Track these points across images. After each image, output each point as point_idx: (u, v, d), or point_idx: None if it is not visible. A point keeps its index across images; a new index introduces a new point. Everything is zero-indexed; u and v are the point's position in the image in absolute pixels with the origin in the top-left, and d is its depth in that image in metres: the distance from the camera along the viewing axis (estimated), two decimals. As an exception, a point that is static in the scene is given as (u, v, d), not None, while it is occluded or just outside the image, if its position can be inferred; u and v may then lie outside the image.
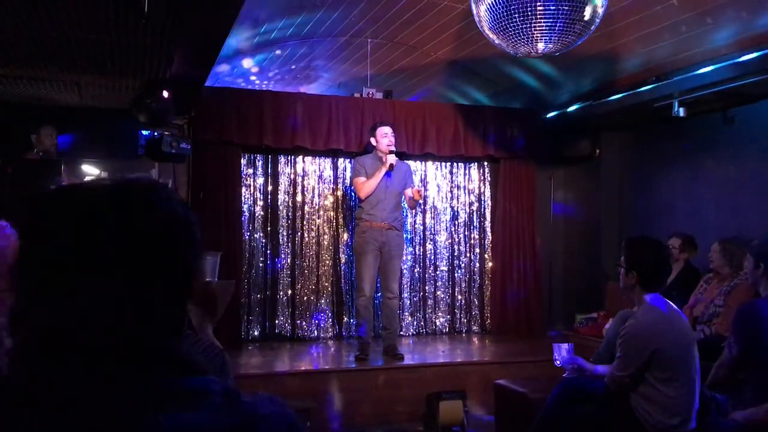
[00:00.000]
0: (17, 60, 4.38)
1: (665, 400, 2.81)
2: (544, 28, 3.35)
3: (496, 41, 3.83)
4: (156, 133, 5.36)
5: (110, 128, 5.53)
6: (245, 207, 6.12)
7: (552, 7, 3.32)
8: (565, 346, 3.35)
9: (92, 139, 5.47)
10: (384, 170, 5.19)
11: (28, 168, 4.85)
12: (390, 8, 5.43)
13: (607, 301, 6.35)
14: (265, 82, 7.21)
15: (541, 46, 3.53)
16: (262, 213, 6.23)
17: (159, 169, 5.34)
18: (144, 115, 4.70)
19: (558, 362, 3.32)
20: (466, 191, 6.80)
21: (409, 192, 5.28)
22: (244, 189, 6.09)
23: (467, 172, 6.80)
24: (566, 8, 3.35)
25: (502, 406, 4.21)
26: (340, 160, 6.42)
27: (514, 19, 3.36)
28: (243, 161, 6.09)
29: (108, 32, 3.63)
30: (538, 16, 3.36)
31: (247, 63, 6.51)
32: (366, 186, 5.19)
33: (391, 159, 5.22)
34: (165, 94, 4.54)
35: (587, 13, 3.53)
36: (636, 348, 2.83)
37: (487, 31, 3.82)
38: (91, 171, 5.22)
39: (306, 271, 6.27)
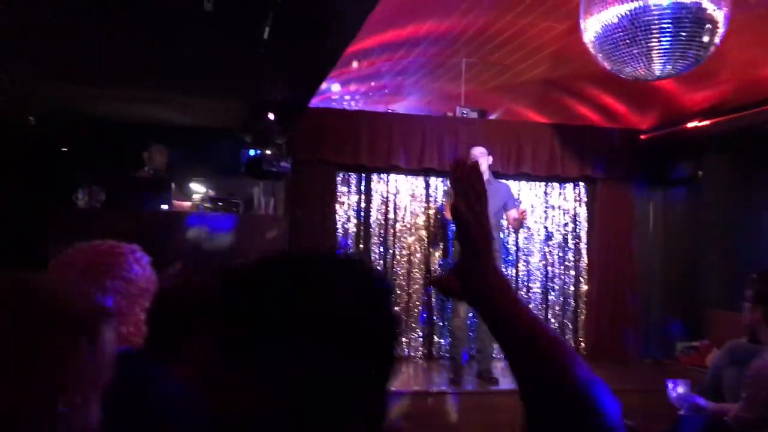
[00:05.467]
0: (133, 82, 4.63)
1: (796, 445, 2.66)
2: (661, 50, 3.25)
3: (606, 64, 3.75)
4: (257, 152, 5.52)
5: (214, 147, 5.74)
6: (339, 224, 6.21)
7: (670, 29, 3.22)
8: (680, 382, 3.22)
9: (198, 157, 5.68)
10: None
11: (139, 185, 5.08)
12: (487, 29, 5.42)
13: (710, 330, 6.09)
14: (356, 98, 7.32)
15: (657, 69, 3.42)
16: (354, 230, 6.30)
17: (262, 187, 5.49)
18: (250, 135, 4.84)
19: (674, 399, 3.19)
20: (561, 212, 6.67)
21: (513, 213, 5.22)
22: (337, 206, 6.19)
23: (562, 192, 6.67)
24: (686, 29, 3.25)
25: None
26: (432, 178, 6.42)
27: (628, 41, 3.27)
28: (338, 179, 6.19)
29: (224, 57, 3.78)
30: (656, 38, 3.26)
31: (339, 83, 6.63)
32: (449, 206, 5.17)
33: None
34: (271, 116, 4.68)
35: (706, 35, 3.41)
36: (765, 389, 2.69)
37: (595, 52, 3.75)
38: (198, 189, 5.42)
39: (397, 289, 6.29)
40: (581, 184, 6.65)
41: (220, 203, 5.03)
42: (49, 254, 1.82)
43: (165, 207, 4.72)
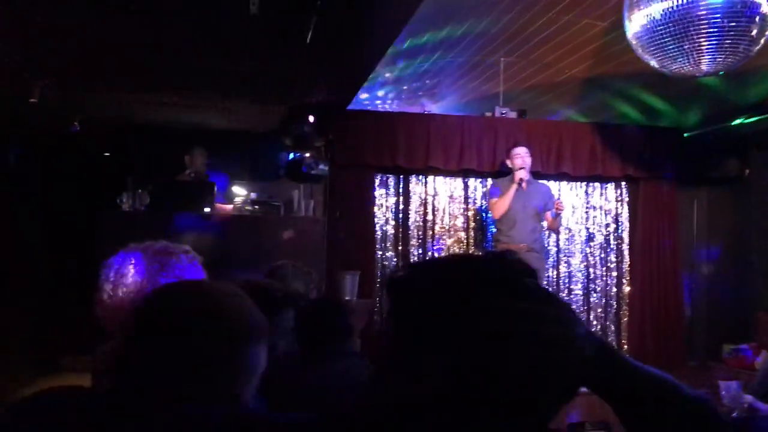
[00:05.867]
0: (177, 87, 4.69)
1: None
2: (711, 45, 3.17)
3: (651, 60, 3.68)
4: (296, 155, 5.56)
5: (253, 150, 5.80)
6: (377, 226, 6.20)
7: (721, 23, 3.14)
8: (733, 383, 3.15)
9: (238, 160, 5.74)
10: (514, 188, 5.12)
11: (183, 188, 5.15)
12: (527, 27, 5.37)
13: (758, 332, 5.95)
14: (392, 100, 7.31)
15: (704, 66, 3.35)
16: (393, 232, 6.29)
17: (302, 190, 5.53)
18: (290, 138, 4.88)
19: (726, 401, 3.12)
20: (603, 212, 6.57)
21: (550, 214, 5.18)
22: (376, 208, 6.19)
23: (603, 192, 6.57)
24: (736, 23, 3.17)
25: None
26: (471, 179, 6.38)
27: (679, 36, 3.20)
28: (376, 181, 6.19)
29: (267, 60, 3.81)
30: (706, 33, 3.19)
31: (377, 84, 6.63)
32: (497, 205, 5.15)
33: (520, 174, 5.16)
34: (311, 118, 4.70)
35: (755, 28, 3.33)
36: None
37: (639, 50, 3.68)
38: (239, 192, 5.47)
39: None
40: (623, 183, 6.55)
41: (261, 206, 5.08)
42: (97, 256, 1.85)
43: (208, 210, 4.78)
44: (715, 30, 3.18)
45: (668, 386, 0.79)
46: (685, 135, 6.30)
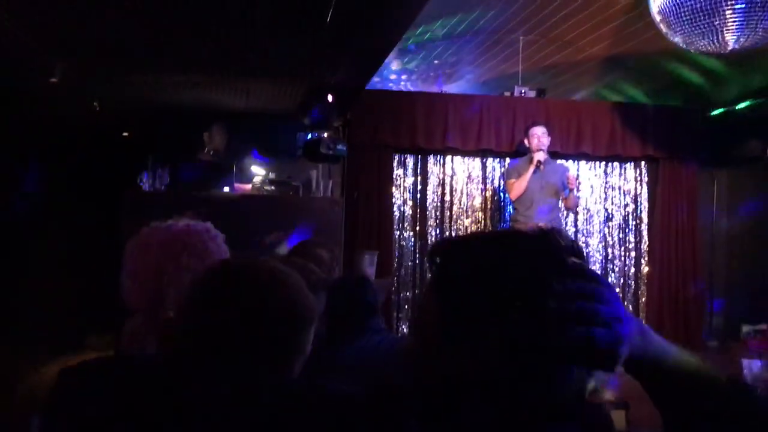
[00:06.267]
0: (196, 68, 4.68)
1: None
2: (738, 22, 3.12)
3: (676, 37, 3.63)
4: (314, 135, 5.55)
5: (271, 130, 5.79)
6: (395, 206, 6.20)
7: None
8: (756, 362, 3.13)
9: (254, 140, 5.74)
10: (531, 169, 5.10)
11: (202, 168, 5.17)
12: (548, 5, 5.30)
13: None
14: (404, 81, 7.27)
15: (731, 42, 3.30)
16: (411, 212, 6.29)
17: (321, 170, 5.53)
18: (308, 118, 4.86)
19: (750, 379, 3.11)
20: (621, 192, 6.52)
21: (564, 192, 5.16)
22: (394, 188, 6.18)
23: (622, 172, 6.52)
24: None
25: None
26: (489, 160, 6.36)
27: (709, 11, 3.14)
28: (394, 161, 6.17)
29: (286, 40, 3.79)
30: (731, 8, 3.13)
31: (394, 63, 6.59)
32: (515, 186, 5.13)
33: (538, 156, 5.13)
34: (330, 98, 4.69)
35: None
36: None
37: (664, 27, 3.63)
38: (258, 171, 5.48)
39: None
40: (643, 163, 6.49)
41: (280, 186, 5.09)
42: (119, 235, 1.86)
43: (227, 189, 4.81)
44: (743, 5, 3.12)
45: (704, 369, 0.79)
46: (707, 114, 6.22)
